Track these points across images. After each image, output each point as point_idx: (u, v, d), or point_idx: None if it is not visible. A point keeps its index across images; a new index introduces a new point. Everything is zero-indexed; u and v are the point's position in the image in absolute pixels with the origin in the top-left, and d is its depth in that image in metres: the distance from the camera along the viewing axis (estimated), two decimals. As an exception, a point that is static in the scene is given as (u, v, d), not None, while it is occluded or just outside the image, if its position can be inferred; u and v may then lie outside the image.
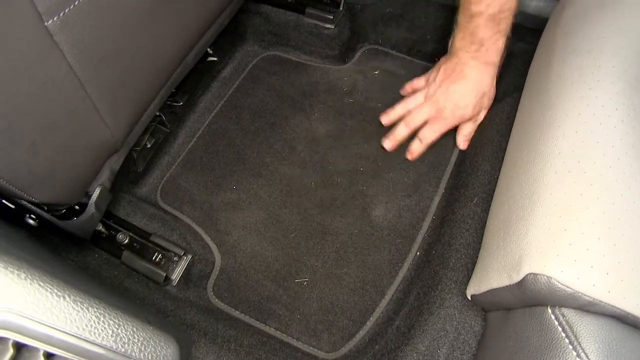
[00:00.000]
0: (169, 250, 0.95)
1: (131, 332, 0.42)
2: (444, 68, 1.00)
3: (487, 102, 1.00)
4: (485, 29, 0.90)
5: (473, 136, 1.05)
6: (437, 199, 1.01)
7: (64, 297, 0.39)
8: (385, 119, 1.09)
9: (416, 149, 1.05)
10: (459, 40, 0.94)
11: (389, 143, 1.07)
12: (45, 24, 0.57)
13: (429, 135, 1.03)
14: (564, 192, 0.59)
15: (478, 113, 1.01)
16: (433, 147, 1.07)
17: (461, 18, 0.92)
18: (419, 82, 1.09)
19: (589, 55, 0.71)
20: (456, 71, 0.97)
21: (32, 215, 0.80)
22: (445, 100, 0.99)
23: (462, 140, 1.04)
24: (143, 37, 0.75)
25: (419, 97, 1.05)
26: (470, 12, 0.88)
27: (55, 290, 0.38)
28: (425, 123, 1.03)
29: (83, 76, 0.66)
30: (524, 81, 0.89)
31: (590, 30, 0.75)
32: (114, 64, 0.71)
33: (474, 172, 0.95)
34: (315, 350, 0.88)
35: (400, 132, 1.05)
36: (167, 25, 0.81)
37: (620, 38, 0.71)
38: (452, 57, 0.98)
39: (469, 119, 1.02)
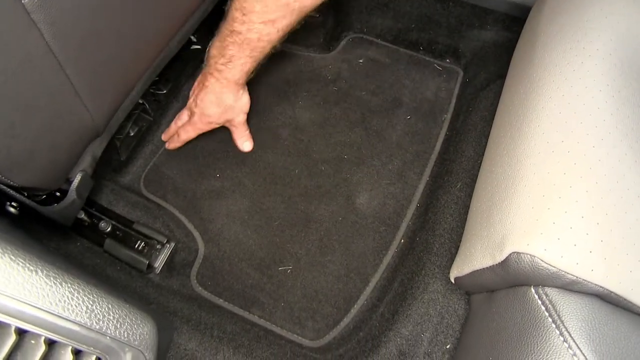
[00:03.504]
0: (152, 238, 0.94)
1: (106, 309, 0.41)
2: (199, 78, 1.03)
3: (235, 113, 1.02)
4: (238, 49, 0.90)
5: (457, 124, 1.05)
6: (421, 187, 1.01)
7: (36, 272, 0.38)
8: (165, 135, 1.13)
9: (172, 142, 1.09)
10: (214, 48, 0.94)
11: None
12: (23, 1, 0.56)
13: (183, 134, 1.05)
14: (548, 172, 0.59)
15: (229, 121, 1.04)
16: (417, 135, 1.07)
17: (223, 28, 0.91)
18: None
19: (572, 39, 0.71)
20: (204, 82, 0.98)
21: (12, 203, 0.79)
22: (194, 108, 1.01)
23: (241, 142, 1.08)
24: (124, 19, 0.74)
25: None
26: (232, 28, 0.88)
27: (28, 265, 0.37)
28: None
29: (62, 57, 0.64)
30: (508, 69, 0.89)
31: (574, 15, 0.75)
32: (95, 46, 0.69)
33: (458, 159, 0.95)
34: (300, 338, 0.88)
35: (170, 131, 1.10)
36: (150, 9, 0.79)
37: (604, 22, 0.71)
38: (205, 66, 0.98)
39: (223, 125, 1.05)
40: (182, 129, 1.06)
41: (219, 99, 0.98)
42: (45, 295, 0.37)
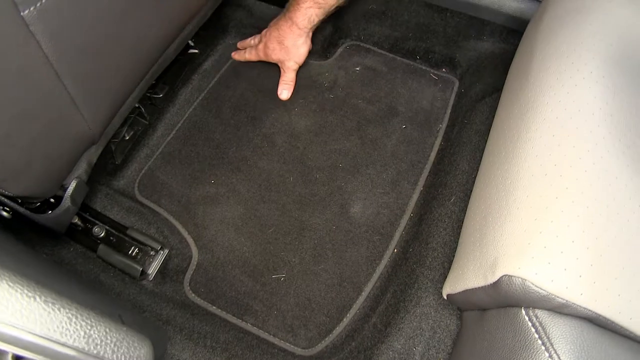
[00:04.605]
0: (145, 245, 0.94)
1: (104, 333, 0.41)
2: (278, 16, 1.16)
3: (289, 57, 1.15)
4: None
5: (452, 135, 1.05)
6: (415, 197, 1.02)
7: (34, 298, 0.38)
8: (240, 44, 1.29)
9: (237, 54, 1.26)
10: None
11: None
12: (21, 13, 0.56)
13: (247, 54, 1.23)
14: (540, 195, 0.59)
15: (282, 62, 1.17)
16: (412, 144, 1.08)
17: None
18: None
19: (567, 60, 0.71)
20: (278, 20, 1.14)
21: (5, 208, 0.79)
22: (263, 37, 1.18)
23: (281, 89, 1.18)
24: (123, 28, 0.74)
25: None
26: None
27: (26, 291, 0.37)
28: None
29: (60, 67, 0.64)
30: (504, 81, 0.89)
31: (569, 34, 0.75)
32: (92, 56, 0.69)
33: (453, 171, 0.95)
34: (292, 346, 0.88)
35: (245, 42, 1.27)
36: (149, 17, 0.79)
37: (598, 43, 0.72)
38: (284, 9, 1.13)
39: (277, 62, 1.18)
40: (248, 50, 1.23)
41: (281, 37, 1.13)
42: (43, 321, 0.37)
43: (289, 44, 1.12)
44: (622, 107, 0.65)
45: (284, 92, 1.17)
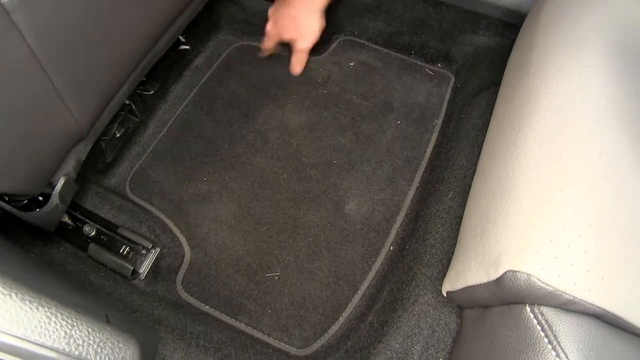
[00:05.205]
0: (137, 243, 0.92)
1: (86, 333, 0.39)
2: None
3: (302, 35, 1.09)
4: None
5: (449, 130, 1.04)
6: (411, 193, 1.00)
7: (10, 296, 0.35)
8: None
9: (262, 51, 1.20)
10: None
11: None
12: (2, 1, 0.53)
13: (264, 44, 1.17)
14: (544, 187, 0.58)
15: (295, 41, 1.10)
16: (408, 140, 1.06)
17: None
18: None
19: (569, 49, 0.69)
20: None
21: (-7, 207, 0.77)
22: (271, 15, 1.13)
23: (293, 64, 1.16)
24: (110, 20, 0.72)
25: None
26: None
27: (1, 288, 0.35)
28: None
29: (45, 60, 0.62)
30: (502, 76, 0.88)
31: (571, 25, 0.73)
32: (79, 48, 0.67)
33: (450, 166, 0.93)
34: (287, 346, 0.86)
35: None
36: (137, 9, 0.77)
37: (601, 32, 0.70)
38: None
39: (289, 41, 1.12)
40: (264, 40, 1.16)
41: (293, 13, 1.06)
42: (20, 321, 0.35)
43: (302, 19, 1.07)
44: (627, 96, 0.63)
45: (297, 67, 1.16)
